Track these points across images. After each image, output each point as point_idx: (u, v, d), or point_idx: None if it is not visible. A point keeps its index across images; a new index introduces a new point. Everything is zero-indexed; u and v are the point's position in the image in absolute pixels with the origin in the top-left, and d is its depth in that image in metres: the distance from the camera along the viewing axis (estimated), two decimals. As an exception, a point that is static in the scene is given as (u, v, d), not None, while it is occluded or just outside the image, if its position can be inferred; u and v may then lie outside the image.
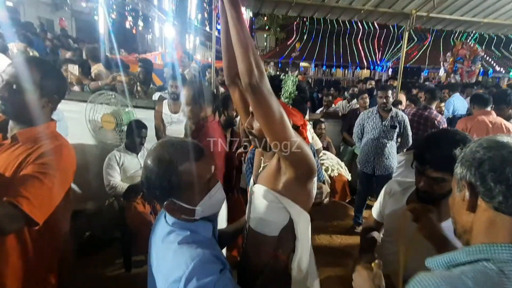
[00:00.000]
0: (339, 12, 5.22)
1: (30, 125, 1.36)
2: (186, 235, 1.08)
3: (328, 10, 5.11)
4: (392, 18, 5.36)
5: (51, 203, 1.29)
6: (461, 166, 0.84)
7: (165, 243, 1.09)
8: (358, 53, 19.66)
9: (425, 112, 4.23)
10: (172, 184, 1.04)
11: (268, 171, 1.30)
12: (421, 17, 5.17)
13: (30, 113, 1.34)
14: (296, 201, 1.22)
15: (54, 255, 1.45)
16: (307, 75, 19.17)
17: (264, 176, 1.31)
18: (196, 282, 0.96)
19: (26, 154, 1.29)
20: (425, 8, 4.96)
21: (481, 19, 5.24)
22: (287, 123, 1.08)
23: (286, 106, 1.25)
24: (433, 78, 17.63)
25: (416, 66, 17.69)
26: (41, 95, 1.37)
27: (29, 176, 1.23)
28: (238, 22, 0.95)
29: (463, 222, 0.85)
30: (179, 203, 1.08)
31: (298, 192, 1.23)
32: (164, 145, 1.09)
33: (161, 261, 1.08)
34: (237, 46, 0.96)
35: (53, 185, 1.27)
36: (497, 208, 0.76)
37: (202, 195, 1.10)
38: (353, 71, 20.03)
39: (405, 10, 5.04)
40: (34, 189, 1.21)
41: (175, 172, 1.03)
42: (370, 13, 5.15)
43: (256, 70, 0.96)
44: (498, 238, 0.76)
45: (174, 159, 1.04)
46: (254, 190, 1.32)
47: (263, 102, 1.00)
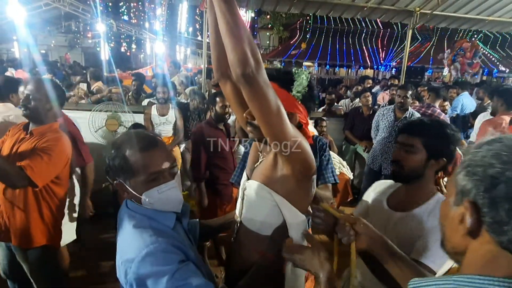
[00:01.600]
0: (342, 9, 5.18)
1: (41, 124, 2.04)
2: (142, 220, 1.12)
3: (331, 7, 5.07)
4: (396, 15, 5.31)
5: (48, 172, 1.93)
6: (465, 176, 0.64)
7: (123, 224, 1.15)
8: (362, 52, 19.60)
9: (429, 110, 4.18)
10: (118, 167, 1.12)
11: (264, 166, 1.24)
12: (425, 14, 5.12)
13: (41, 115, 2.03)
14: (292, 200, 1.17)
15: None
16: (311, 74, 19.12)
17: (259, 172, 1.26)
18: (150, 268, 0.98)
19: (37, 142, 1.96)
20: (429, 5, 4.90)
21: (486, 16, 5.18)
22: (285, 116, 1.03)
23: (295, 100, 1.20)
24: (436, 78, 17.55)
25: (419, 65, 17.60)
26: (47, 102, 2.04)
27: (35, 154, 1.89)
28: (228, 12, 0.90)
29: (456, 243, 0.68)
30: (126, 186, 1.14)
31: (294, 190, 1.17)
32: (123, 134, 1.23)
33: (119, 240, 1.13)
34: (227, 36, 0.91)
35: (50, 161, 1.90)
36: (505, 247, 0.58)
37: (148, 186, 1.12)
38: (357, 70, 19.96)
39: (409, 7, 4.99)
40: (35, 161, 1.85)
41: (120, 156, 1.11)
42: (373, 11, 5.11)
43: (252, 59, 0.90)
44: (496, 273, 0.59)
45: (124, 144, 1.13)
46: (248, 185, 1.27)
47: (259, 94, 0.95)
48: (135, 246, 1.02)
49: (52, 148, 1.93)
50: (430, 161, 1.35)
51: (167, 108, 4.29)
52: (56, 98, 2.09)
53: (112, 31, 14.14)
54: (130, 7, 19.14)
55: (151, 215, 1.13)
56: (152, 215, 1.13)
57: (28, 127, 2.07)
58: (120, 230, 1.16)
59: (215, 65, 1.30)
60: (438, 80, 16.18)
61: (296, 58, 18.41)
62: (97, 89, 5.54)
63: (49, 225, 2.08)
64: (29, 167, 1.81)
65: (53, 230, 2.11)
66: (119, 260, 1.07)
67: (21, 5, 7.89)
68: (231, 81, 1.29)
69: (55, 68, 11.27)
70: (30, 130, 2.03)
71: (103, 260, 3.22)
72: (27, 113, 2.01)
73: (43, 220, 2.04)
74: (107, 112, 4.23)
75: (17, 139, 2.03)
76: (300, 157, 1.11)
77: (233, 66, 0.92)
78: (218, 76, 1.32)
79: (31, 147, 1.94)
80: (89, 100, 5.03)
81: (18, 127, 2.13)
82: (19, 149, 1.98)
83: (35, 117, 2.02)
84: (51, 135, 2.00)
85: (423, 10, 4.99)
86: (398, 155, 1.40)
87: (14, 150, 1.98)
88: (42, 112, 2.02)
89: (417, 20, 5.10)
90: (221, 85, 1.35)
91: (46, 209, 2.05)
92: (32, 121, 2.05)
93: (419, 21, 5.20)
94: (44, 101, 2.02)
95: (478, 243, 0.63)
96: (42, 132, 2.00)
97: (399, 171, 1.40)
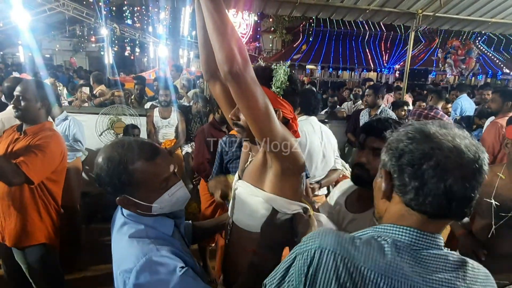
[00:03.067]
0: (344, 12, 5.17)
1: (33, 124, 2.09)
2: (140, 229, 1.08)
3: (333, 10, 5.06)
4: (398, 18, 5.29)
5: (43, 169, 1.97)
6: (385, 153, 0.81)
7: (119, 234, 1.10)
8: (365, 55, 19.58)
9: (431, 112, 4.16)
10: (123, 182, 1.05)
11: (253, 166, 1.25)
12: (428, 16, 5.10)
13: (32, 115, 2.08)
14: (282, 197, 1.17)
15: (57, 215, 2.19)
16: (314, 77, 19.12)
17: (249, 172, 1.26)
18: (150, 277, 0.96)
19: (31, 140, 2.02)
20: (432, 7, 4.89)
21: (488, 18, 5.15)
22: (273, 114, 1.03)
23: (277, 96, 1.19)
24: (440, 80, 17.48)
25: (423, 68, 17.55)
26: (36, 101, 2.08)
27: (29, 151, 1.93)
28: (215, 11, 0.91)
29: (379, 208, 0.85)
30: (133, 200, 1.09)
31: (284, 187, 1.17)
32: (114, 144, 1.10)
33: (115, 250, 1.10)
34: (214, 34, 0.92)
35: (44, 157, 1.95)
36: (408, 204, 0.75)
37: (159, 193, 1.10)
38: (360, 73, 19.94)
39: (411, 9, 4.98)
40: (30, 158, 1.89)
41: (125, 171, 1.04)
42: (376, 13, 5.09)
43: (239, 56, 0.91)
44: (403, 223, 0.78)
45: (124, 158, 1.05)
46: (238, 185, 1.27)
47: (247, 91, 0.96)
48: (133, 255, 1.00)
49: (46, 145, 1.98)
50: None
51: (169, 111, 4.34)
52: (46, 96, 2.15)
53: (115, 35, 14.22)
54: (134, 11, 19.27)
55: (149, 223, 1.10)
56: (151, 223, 1.11)
57: (21, 128, 2.12)
58: (116, 239, 1.12)
59: (204, 66, 1.31)
60: (442, 83, 16.12)
61: (299, 61, 18.41)
62: (100, 92, 5.59)
63: (47, 224, 2.11)
64: (24, 164, 1.85)
65: (51, 229, 2.14)
66: (117, 270, 1.05)
67: (26, 10, 7.98)
68: (220, 82, 1.30)
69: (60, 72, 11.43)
70: (24, 130, 2.09)
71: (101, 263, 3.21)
72: (19, 114, 2.05)
73: (40, 219, 2.07)
74: (112, 115, 4.31)
75: (11, 140, 2.08)
76: (288, 154, 1.11)
77: (221, 64, 0.93)
78: (207, 77, 1.33)
79: (25, 145, 2.00)
80: (91, 104, 5.11)
81: (12, 129, 2.18)
82: (14, 149, 2.03)
83: (27, 117, 2.08)
84: (44, 133, 2.06)
85: (426, 12, 4.97)
86: (366, 159, 1.32)
87: (9, 151, 2.04)
88: (33, 112, 2.07)
89: (419, 22, 5.08)
90: (211, 86, 1.36)
91: (43, 208, 2.08)
92: (24, 121, 2.10)
93: (421, 23, 5.18)
94: (33, 101, 2.06)
95: (392, 204, 0.80)
96: (35, 131, 2.07)
97: (361, 175, 1.32)
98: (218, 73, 1.28)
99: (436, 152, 0.71)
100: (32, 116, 2.08)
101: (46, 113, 2.18)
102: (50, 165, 2.02)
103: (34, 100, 2.07)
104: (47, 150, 1.97)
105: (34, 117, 2.09)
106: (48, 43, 19.72)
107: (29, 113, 2.06)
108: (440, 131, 0.75)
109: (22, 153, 1.93)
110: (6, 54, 18.58)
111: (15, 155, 1.95)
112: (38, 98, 2.10)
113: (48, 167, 2.01)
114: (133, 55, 21.97)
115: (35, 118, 2.09)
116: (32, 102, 2.06)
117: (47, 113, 2.20)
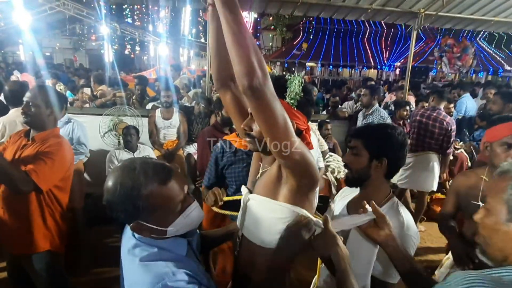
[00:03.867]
0: (346, 12, 5.15)
1: (42, 130, 2.08)
2: (153, 252, 1.03)
3: (335, 10, 5.05)
4: (400, 17, 5.27)
5: (52, 177, 1.97)
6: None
7: (130, 255, 1.05)
8: (365, 52, 19.50)
9: (434, 113, 4.14)
10: (138, 208, 1.00)
11: (267, 179, 1.22)
12: (430, 16, 5.08)
13: (41, 122, 2.07)
14: None
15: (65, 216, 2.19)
16: (314, 75, 19.06)
17: (262, 185, 1.23)
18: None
19: (39, 147, 2.00)
20: (434, 6, 4.87)
21: (491, 17, 5.13)
22: (291, 129, 1.01)
23: (290, 108, 1.16)
24: (441, 77, 17.42)
25: (423, 65, 17.49)
26: (46, 108, 2.07)
27: (38, 159, 1.92)
28: (234, 23, 0.88)
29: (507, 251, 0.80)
30: (148, 225, 1.04)
31: (300, 202, 1.15)
32: (125, 168, 1.03)
33: (127, 272, 1.05)
34: (233, 47, 0.89)
35: (53, 165, 1.95)
36: None
37: (174, 216, 1.06)
38: (360, 70, 19.88)
39: (413, 9, 4.96)
40: (39, 166, 1.89)
41: (139, 197, 0.99)
42: (377, 12, 5.08)
43: (260, 71, 0.88)
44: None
45: (137, 182, 0.99)
46: (250, 198, 1.24)
47: (266, 107, 0.93)
48: (148, 280, 0.95)
49: (54, 153, 1.97)
50: (372, 162, 1.39)
51: (171, 111, 4.34)
52: (56, 103, 2.14)
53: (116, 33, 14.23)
54: (134, 10, 19.29)
55: (162, 245, 1.06)
56: (164, 245, 1.06)
57: (29, 134, 2.11)
58: (127, 262, 1.07)
59: (215, 75, 1.28)
60: (443, 80, 16.06)
61: (299, 59, 18.35)
62: (101, 93, 5.60)
63: (53, 231, 2.10)
64: (34, 172, 1.85)
65: (57, 236, 2.13)
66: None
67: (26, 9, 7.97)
68: (231, 91, 1.29)
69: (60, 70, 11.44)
70: (32, 136, 2.07)
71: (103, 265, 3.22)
72: (28, 120, 2.04)
73: (47, 226, 2.06)
74: (115, 116, 4.34)
75: (18, 146, 2.07)
76: (306, 169, 1.09)
77: (240, 78, 0.90)
78: (218, 85, 1.32)
79: (34, 152, 1.98)
80: (93, 105, 5.11)
81: (18, 134, 2.17)
82: (22, 155, 2.02)
83: (36, 124, 2.06)
84: (53, 141, 2.05)
85: (428, 11, 4.95)
86: (348, 159, 1.46)
87: (17, 157, 2.02)
88: (42, 119, 2.07)
89: (421, 21, 5.06)
90: (221, 94, 1.34)
91: (49, 215, 2.07)
92: (33, 127, 2.09)
93: (423, 22, 5.16)
94: (44, 107, 2.05)
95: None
96: (43, 138, 2.05)
97: (347, 175, 1.47)
98: (229, 82, 1.26)
99: None
100: (41, 122, 2.07)
101: (54, 120, 2.18)
102: (58, 173, 2.02)
103: (44, 107, 2.06)
104: (56, 158, 1.97)
105: (43, 124, 2.08)
106: (48, 42, 19.78)
107: (38, 119, 2.05)
108: None
109: (30, 160, 1.93)
110: (6, 53, 18.59)
111: (23, 161, 1.95)
112: (48, 105, 2.08)
113: (56, 175, 2.01)
114: (133, 53, 22.07)
115: (44, 124, 2.08)
116: (42, 109, 2.05)
117: (56, 120, 2.20)
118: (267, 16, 19.79)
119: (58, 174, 2.02)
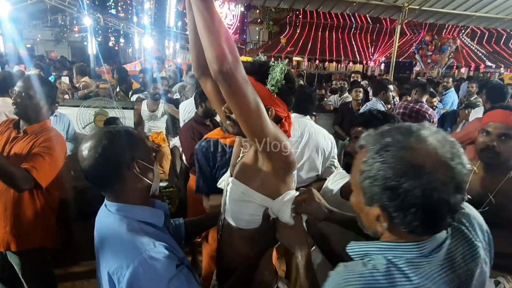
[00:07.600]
0: (331, 5, 5.18)
1: (34, 122, 1.98)
2: (133, 223, 1.04)
3: (320, 3, 5.08)
4: (385, 11, 5.34)
5: (51, 173, 1.89)
6: (370, 183, 0.76)
7: (109, 229, 1.05)
8: (351, 47, 19.66)
9: (416, 105, 4.22)
10: (132, 152, 1.09)
11: (245, 164, 1.25)
12: (413, 10, 5.16)
13: (34, 113, 1.97)
14: (273, 196, 1.18)
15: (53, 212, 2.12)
16: (300, 69, 19.11)
17: (240, 170, 1.26)
18: (147, 273, 0.92)
19: (34, 141, 1.90)
20: (418, 1, 4.94)
21: (473, 12, 5.24)
22: (264, 114, 1.02)
23: (271, 94, 1.17)
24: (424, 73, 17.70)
25: (408, 60, 17.73)
26: (39, 99, 1.97)
27: (37, 154, 1.84)
28: (205, 9, 0.89)
29: (374, 229, 0.83)
30: (147, 165, 1.12)
31: (275, 186, 1.18)
32: (101, 130, 1.11)
33: (106, 247, 1.04)
34: (204, 33, 0.90)
35: (52, 161, 1.87)
36: (412, 231, 0.77)
37: (152, 172, 1.15)
38: (346, 65, 20.02)
39: (397, 3, 5.03)
40: (39, 163, 1.81)
41: (130, 144, 1.09)
42: (362, 6, 5.13)
43: (230, 56, 0.90)
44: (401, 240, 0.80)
45: (121, 134, 1.09)
46: (230, 182, 1.26)
47: (238, 91, 0.94)
48: (129, 252, 0.95)
49: (52, 148, 1.89)
50: None
51: (157, 104, 4.31)
52: (48, 94, 2.04)
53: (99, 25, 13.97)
54: (118, 1, 18.96)
55: (139, 216, 1.07)
56: (141, 216, 1.08)
57: (18, 125, 2.01)
58: (105, 236, 1.06)
59: (194, 64, 1.30)
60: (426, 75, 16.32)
61: (286, 53, 18.36)
62: (84, 84, 5.45)
63: (44, 227, 2.02)
64: (34, 169, 1.77)
65: (48, 232, 2.06)
66: (107, 268, 0.98)
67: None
68: (211, 79, 1.28)
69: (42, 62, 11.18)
70: (24, 128, 1.97)
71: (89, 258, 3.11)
72: (20, 111, 1.94)
73: (38, 223, 1.98)
74: (95, 108, 4.21)
75: (8, 138, 1.96)
76: (280, 154, 1.11)
77: (211, 63, 0.91)
78: (198, 74, 1.32)
79: (29, 147, 1.89)
80: (76, 96, 5.01)
81: (6, 125, 2.05)
82: (13, 149, 1.92)
83: (28, 115, 1.96)
84: (47, 134, 1.95)
85: (412, 5, 5.03)
86: (351, 148, 1.46)
87: (7, 150, 1.93)
88: (35, 110, 1.96)
89: (405, 16, 5.13)
90: (202, 83, 1.35)
91: (41, 211, 1.99)
92: (24, 119, 1.99)
93: (407, 16, 5.23)
94: (36, 98, 1.95)
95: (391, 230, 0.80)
96: (36, 131, 1.95)
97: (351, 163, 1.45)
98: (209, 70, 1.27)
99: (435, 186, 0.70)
100: (33, 114, 1.96)
101: (47, 111, 2.07)
102: (56, 168, 1.95)
103: (37, 97, 1.95)
104: (54, 153, 1.89)
105: (36, 115, 1.97)
106: (29, 33, 19.30)
107: (31, 110, 1.95)
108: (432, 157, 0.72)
109: (26, 155, 1.85)
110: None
111: (17, 157, 1.86)
112: (41, 95, 1.98)
113: (55, 170, 1.93)
114: (118, 45, 21.74)
115: (37, 116, 1.98)
116: (35, 99, 1.94)
117: (48, 112, 2.09)
118: (254, 10, 19.73)
119: (56, 169, 1.94)
